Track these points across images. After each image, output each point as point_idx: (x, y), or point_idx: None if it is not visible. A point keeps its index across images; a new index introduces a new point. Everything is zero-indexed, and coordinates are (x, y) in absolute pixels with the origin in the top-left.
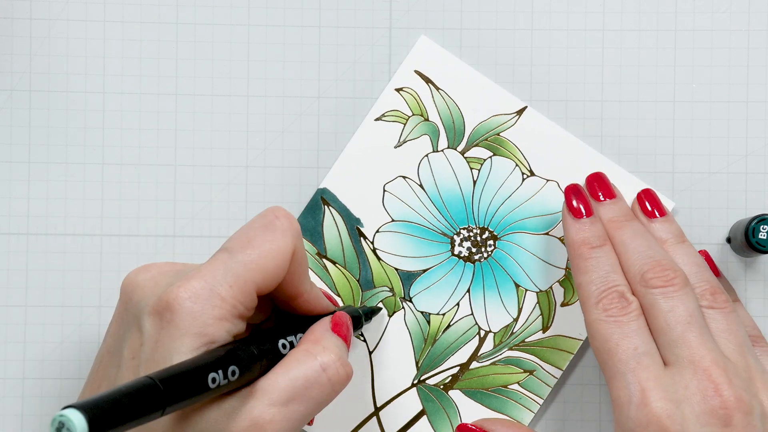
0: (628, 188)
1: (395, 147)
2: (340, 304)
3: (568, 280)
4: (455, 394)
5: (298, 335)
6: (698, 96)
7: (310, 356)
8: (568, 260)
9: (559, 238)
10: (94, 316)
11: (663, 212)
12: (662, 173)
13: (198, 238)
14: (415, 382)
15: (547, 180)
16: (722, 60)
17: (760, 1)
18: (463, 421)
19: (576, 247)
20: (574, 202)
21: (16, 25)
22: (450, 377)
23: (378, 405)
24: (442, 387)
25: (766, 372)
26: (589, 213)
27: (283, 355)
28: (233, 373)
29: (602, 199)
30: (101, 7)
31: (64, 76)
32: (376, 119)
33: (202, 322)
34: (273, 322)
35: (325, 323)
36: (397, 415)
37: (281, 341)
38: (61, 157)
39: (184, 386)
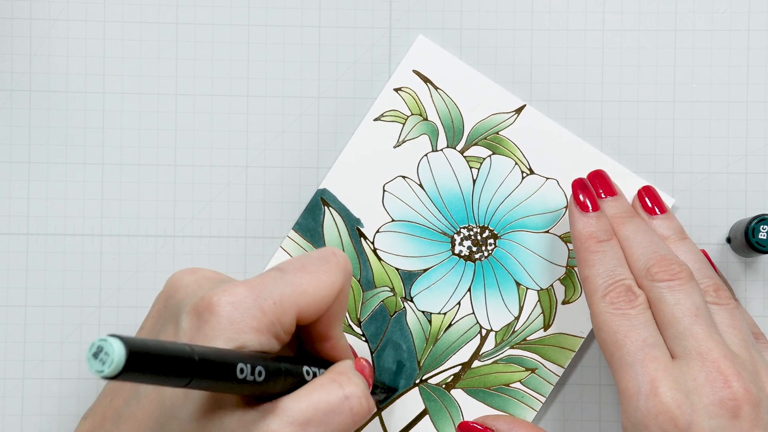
0: (628, 185)
1: (394, 147)
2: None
3: (569, 278)
4: (457, 393)
5: (322, 370)
6: (698, 96)
7: (335, 384)
8: (568, 258)
9: (560, 236)
10: (94, 316)
11: (663, 209)
12: (662, 173)
13: (198, 238)
14: (417, 381)
15: (547, 178)
16: (722, 60)
17: (760, 1)
18: (465, 420)
19: (583, 240)
20: (581, 197)
21: (16, 25)
22: (452, 376)
23: (380, 405)
24: (444, 386)
25: None
26: (596, 207)
27: (306, 381)
28: (260, 373)
29: (603, 196)
30: (101, 7)
31: (64, 76)
32: (375, 119)
33: (239, 329)
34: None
35: (349, 362)
36: (399, 414)
37: (306, 368)
38: (61, 157)
39: (214, 366)
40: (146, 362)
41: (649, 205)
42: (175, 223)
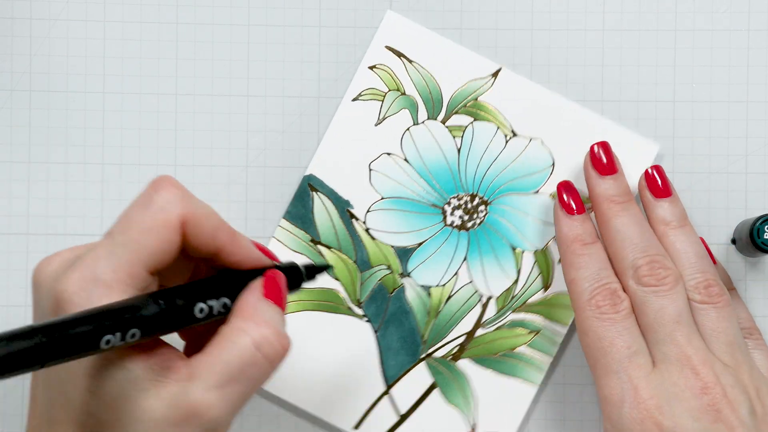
0: (612, 138)
1: (376, 125)
2: (281, 259)
3: None
4: (464, 363)
5: (222, 299)
6: (698, 96)
7: (242, 335)
8: None
9: (551, 195)
10: None
11: (670, 192)
12: None
13: None
14: (423, 356)
15: (531, 138)
16: (722, 60)
17: (760, 1)
18: (474, 390)
19: (568, 243)
20: (566, 199)
21: (16, 25)
22: (457, 347)
23: (388, 383)
24: (450, 358)
25: (754, 368)
26: (581, 210)
27: (197, 320)
28: (133, 335)
29: (603, 173)
30: (101, 7)
31: (64, 76)
32: (353, 99)
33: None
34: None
35: (255, 290)
36: (408, 391)
37: (200, 305)
38: (61, 157)
39: (72, 341)
40: None
41: (660, 186)
42: None
